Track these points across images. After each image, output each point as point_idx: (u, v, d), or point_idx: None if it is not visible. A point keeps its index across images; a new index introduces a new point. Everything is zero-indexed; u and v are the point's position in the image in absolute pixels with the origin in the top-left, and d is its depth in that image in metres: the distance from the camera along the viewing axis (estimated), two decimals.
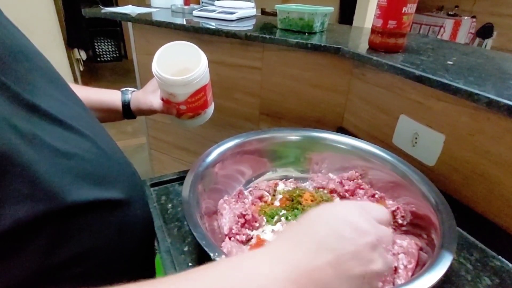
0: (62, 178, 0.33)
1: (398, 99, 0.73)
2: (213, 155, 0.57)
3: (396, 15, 0.67)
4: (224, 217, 0.51)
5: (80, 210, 0.34)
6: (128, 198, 0.42)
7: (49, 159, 0.32)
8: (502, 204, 0.56)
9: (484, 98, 0.49)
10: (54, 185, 0.31)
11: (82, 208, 0.35)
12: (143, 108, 0.64)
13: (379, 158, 0.59)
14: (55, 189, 0.31)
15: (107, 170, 0.40)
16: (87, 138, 0.39)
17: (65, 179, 0.33)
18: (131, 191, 0.44)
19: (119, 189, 0.41)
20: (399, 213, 0.52)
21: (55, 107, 0.36)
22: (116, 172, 0.42)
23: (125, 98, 0.65)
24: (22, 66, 0.34)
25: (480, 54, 0.79)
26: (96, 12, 1.20)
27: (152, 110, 0.64)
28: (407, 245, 0.46)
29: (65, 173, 0.33)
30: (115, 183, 0.41)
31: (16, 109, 0.31)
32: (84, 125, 0.39)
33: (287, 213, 0.52)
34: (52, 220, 0.32)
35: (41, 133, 0.32)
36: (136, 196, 0.45)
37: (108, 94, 0.65)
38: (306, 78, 0.94)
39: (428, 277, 0.36)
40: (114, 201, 0.39)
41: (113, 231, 0.40)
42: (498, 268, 0.50)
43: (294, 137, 0.65)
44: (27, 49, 0.37)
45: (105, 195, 0.38)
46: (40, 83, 0.36)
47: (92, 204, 0.36)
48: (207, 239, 0.40)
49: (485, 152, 0.56)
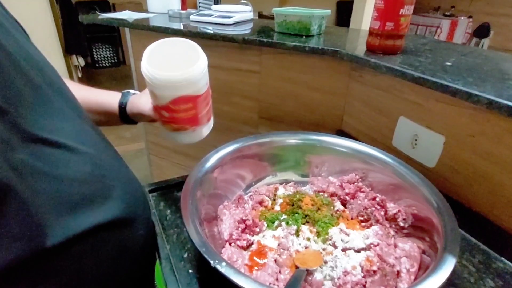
0: (59, 209, 0.32)
1: (397, 101, 0.72)
2: (212, 160, 0.56)
3: (393, 17, 0.67)
4: (224, 223, 0.51)
5: (79, 239, 0.33)
6: (130, 216, 0.41)
7: (46, 190, 0.31)
8: (504, 205, 0.55)
9: (484, 99, 0.49)
10: (48, 220, 0.31)
11: (81, 236, 0.34)
12: (134, 112, 0.58)
13: (379, 160, 0.58)
14: (49, 224, 0.31)
15: (108, 190, 0.39)
16: (90, 158, 0.37)
17: (63, 209, 0.32)
18: (134, 208, 0.43)
19: (121, 208, 0.39)
20: (400, 216, 0.51)
21: (59, 128, 0.35)
22: (119, 191, 0.41)
23: (123, 100, 0.58)
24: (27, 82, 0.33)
25: (478, 54, 0.79)
26: (93, 18, 1.20)
27: (142, 113, 0.56)
28: (409, 249, 0.45)
29: (63, 203, 0.32)
30: (117, 202, 0.39)
31: (14, 138, 0.30)
32: (88, 142, 0.38)
33: (287, 218, 0.52)
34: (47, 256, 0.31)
35: (40, 162, 0.31)
36: (139, 212, 0.44)
37: (107, 95, 0.60)
38: (304, 81, 0.94)
39: (431, 281, 0.35)
40: (116, 221, 0.38)
41: (114, 252, 0.39)
42: (501, 270, 0.50)
43: (294, 140, 0.64)
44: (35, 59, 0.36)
45: (107, 217, 0.37)
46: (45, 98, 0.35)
47: (92, 229, 0.35)
48: (207, 246, 0.39)
49: (485, 153, 0.56)
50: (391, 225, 0.52)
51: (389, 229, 0.51)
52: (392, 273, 0.42)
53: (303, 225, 0.51)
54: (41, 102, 0.35)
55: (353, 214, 0.54)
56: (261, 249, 0.46)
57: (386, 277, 0.42)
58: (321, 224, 0.50)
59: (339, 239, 0.48)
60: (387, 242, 0.47)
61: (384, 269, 0.42)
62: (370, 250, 0.46)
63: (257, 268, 0.44)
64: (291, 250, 0.46)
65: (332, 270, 0.43)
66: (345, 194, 0.58)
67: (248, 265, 0.44)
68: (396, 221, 0.52)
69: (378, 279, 0.42)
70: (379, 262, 0.43)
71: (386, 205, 0.53)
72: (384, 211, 0.53)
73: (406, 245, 0.46)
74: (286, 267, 0.43)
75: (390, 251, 0.45)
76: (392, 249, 0.46)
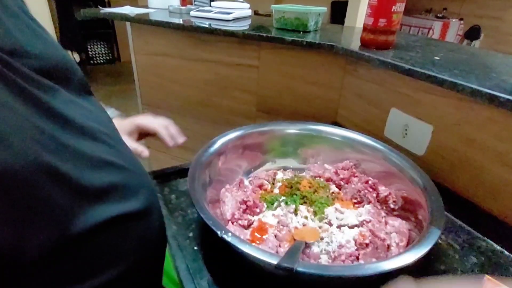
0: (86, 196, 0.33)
1: (389, 93, 0.76)
2: (217, 144, 0.59)
3: (386, 13, 0.71)
4: (226, 204, 0.54)
5: (102, 228, 0.34)
6: (149, 207, 0.42)
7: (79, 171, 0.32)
8: (487, 189, 0.60)
9: (468, 88, 0.53)
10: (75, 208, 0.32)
11: (104, 225, 0.35)
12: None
13: (372, 147, 0.62)
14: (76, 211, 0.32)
15: (130, 180, 0.40)
16: (114, 149, 0.38)
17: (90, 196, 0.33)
18: (152, 200, 0.44)
19: (140, 200, 0.40)
20: (391, 198, 0.55)
21: (86, 117, 0.36)
22: (140, 182, 0.42)
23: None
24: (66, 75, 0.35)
25: (465, 51, 0.83)
26: (94, 12, 1.22)
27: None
28: (398, 225, 0.49)
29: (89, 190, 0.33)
30: (139, 193, 0.40)
31: (50, 122, 0.31)
32: (110, 133, 0.39)
33: (286, 199, 0.55)
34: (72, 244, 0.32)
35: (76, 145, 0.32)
36: (156, 205, 0.45)
37: None
38: (301, 75, 0.97)
39: (418, 248, 0.39)
40: (138, 212, 0.39)
41: (134, 244, 0.40)
42: (484, 248, 0.54)
43: (292, 130, 0.68)
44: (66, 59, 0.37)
45: (127, 208, 0.38)
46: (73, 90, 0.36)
47: (114, 219, 0.36)
48: (213, 219, 0.42)
49: (470, 140, 0.60)
50: (382, 207, 0.56)
51: (380, 211, 0.55)
52: (383, 246, 0.46)
53: (301, 205, 0.54)
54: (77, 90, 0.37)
55: (347, 197, 0.58)
56: (261, 226, 0.50)
57: (377, 249, 0.46)
58: (318, 204, 0.53)
59: (334, 217, 0.51)
60: (378, 219, 0.51)
61: (375, 243, 0.46)
62: (363, 226, 0.49)
63: (258, 242, 0.47)
64: (290, 227, 0.49)
65: (328, 245, 0.47)
66: (340, 179, 0.62)
67: (250, 240, 0.48)
68: (387, 203, 0.55)
69: (370, 251, 0.45)
70: (371, 237, 0.47)
71: (378, 188, 0.57)
72: (376, 193, 0.57)
73: (396, 222, 0.50)
74: (285, 241, 0.47)
75: (381, 227, 0.49)
76: (383, 225, 0.49)
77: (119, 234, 0.37)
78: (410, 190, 0.54)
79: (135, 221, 0.39)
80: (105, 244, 0.36)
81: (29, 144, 0.28)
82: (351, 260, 0.45)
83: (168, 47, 1.18)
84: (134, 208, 0.39)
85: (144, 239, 0.41)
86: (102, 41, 4.20)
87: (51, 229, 0.30)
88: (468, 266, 0.50)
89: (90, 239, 0.34)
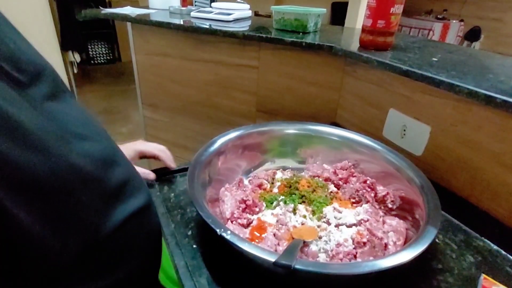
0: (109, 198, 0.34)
1: (388, 94, 0.77)
2: (217, 144, 0.60)
3: (384, 15, 0.72)
4: (225, 203, 0.54)
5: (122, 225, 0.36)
6: (148, 202, 0.44)
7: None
8: (484, 189, 0.60)
9: (465, 89, 0.53)
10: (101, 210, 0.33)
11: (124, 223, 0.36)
12: None
13: (370, 148, 0.63)
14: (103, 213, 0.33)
15: (131, 176, 0.41)
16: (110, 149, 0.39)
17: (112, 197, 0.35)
18: (149, 194, 0.45)
19: (143, 195, 0.42)
20: (389, 198, 0.56)
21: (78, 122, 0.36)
22: (136, 177, 0.43)
23: None
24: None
25: (463, 52, 0.84)
26: (96, 13, 1.22)
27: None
28: (396, 224, 0.50)
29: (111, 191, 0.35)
30: (139, 189, 0.42)
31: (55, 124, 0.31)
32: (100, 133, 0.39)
33: (285, 198, 0.56)
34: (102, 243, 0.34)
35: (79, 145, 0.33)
36: (151, 198, 0.47)
37: None
38: (300, 76, 0.98)
39: (415, 247, 0.40)
40: (142, 208, 0.41)
41: (144, 237, 0.41)
42: (481, 248, 0.54)
43: (291, 130, 0.68)
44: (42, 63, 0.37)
45: (137, 204, 0.39)
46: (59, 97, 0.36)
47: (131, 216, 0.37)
48: (213, 218, 0.43)
49: (467, 140, 0.61)
50: (380, 207, 0.56)
51: (378, 210, 0.56)
52: (380, 245, 0.46)
53: (300, 204, 0.55)
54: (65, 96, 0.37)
55: (346, 197, 0.59)
56: (261, 225, 0.50)
57: (374, 248, 0.46)
58: (316, 204, 0.54)
59: (333, 217, 0.52)
60: (376, 218, 0.51)
61: (373, 241, 0.46)
62: (361, 225, 0.50)
63: (257, 241, 0.47)
64: (289, 225, 0.50)
65: (326, 244, 0.47)
66: (338, 179, 0.62)
67: (249, 239, 0.48)
68: (385, 203, 0.56)
69: (368, 250, 0.46)
70: (369, 235, 0.47)
71: (376, 187, 0.58)
72: (374, 193, 0.57)
73: (393, 221, 0.50)
74: (284, 240, 0.47)
75: (379, 226, 0.49)
76: (380, 225, 0.50)
77: (134, 230, 0.39)
78: (407, 189, 0.54)
79: (143, 215, 0.41)
80: (123, 240, 0.37)
81: (60, 147, 0.29)
82: (348, 258, 0.45)
83: (168, 48, 1.18)
84: (141, 203, 0.40)
85: (151, 232, 0.43)
86: (103, 41, 4.21)
87: (86, 231, 0.32)
88: (465, 265, 0.50)
89: (114, 237, 0.35)
